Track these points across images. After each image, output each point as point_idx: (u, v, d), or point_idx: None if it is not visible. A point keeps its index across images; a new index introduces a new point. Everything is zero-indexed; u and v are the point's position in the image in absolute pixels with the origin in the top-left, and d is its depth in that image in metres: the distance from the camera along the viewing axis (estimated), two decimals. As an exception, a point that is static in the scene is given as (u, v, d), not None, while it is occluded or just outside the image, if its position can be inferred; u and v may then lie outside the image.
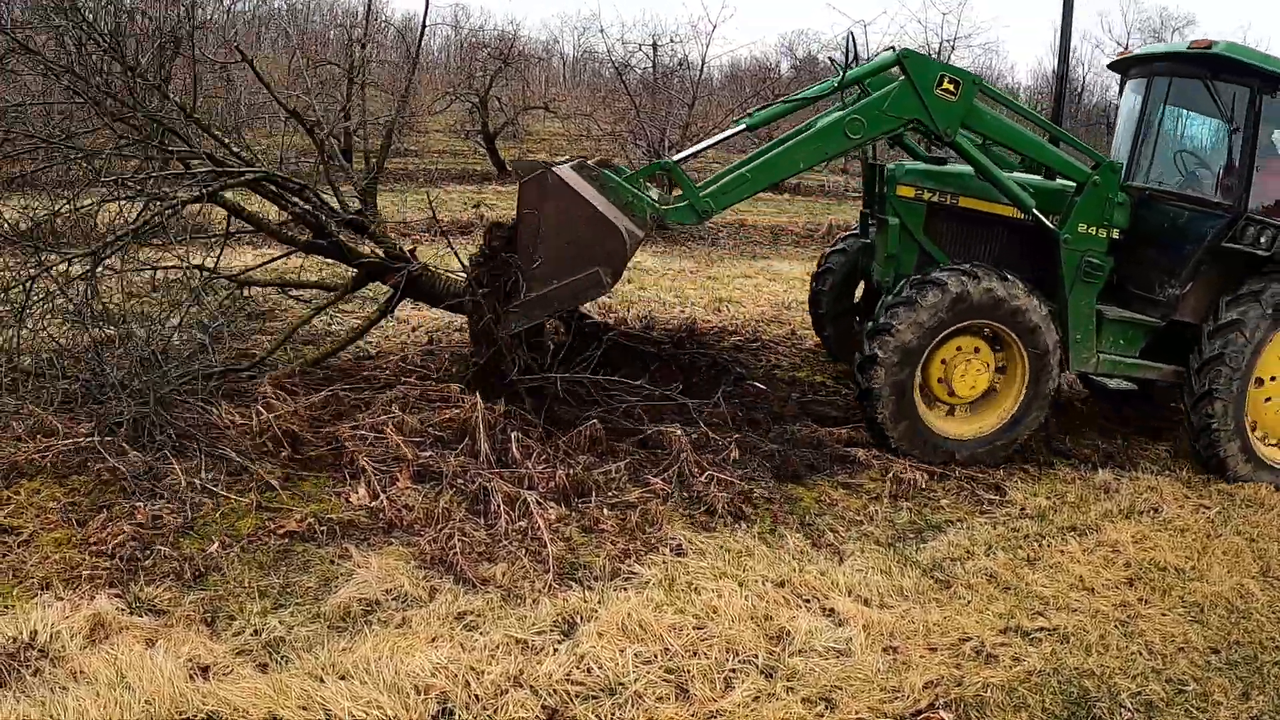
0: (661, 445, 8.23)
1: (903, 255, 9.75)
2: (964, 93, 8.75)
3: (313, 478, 7.62)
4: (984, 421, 9.17)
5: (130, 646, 5.29)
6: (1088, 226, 9.32)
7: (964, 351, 8.95)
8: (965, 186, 9.72)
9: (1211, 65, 9.41)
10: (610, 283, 7.86)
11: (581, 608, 5.96)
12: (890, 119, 8.74)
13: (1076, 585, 6.90)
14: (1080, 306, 9.37)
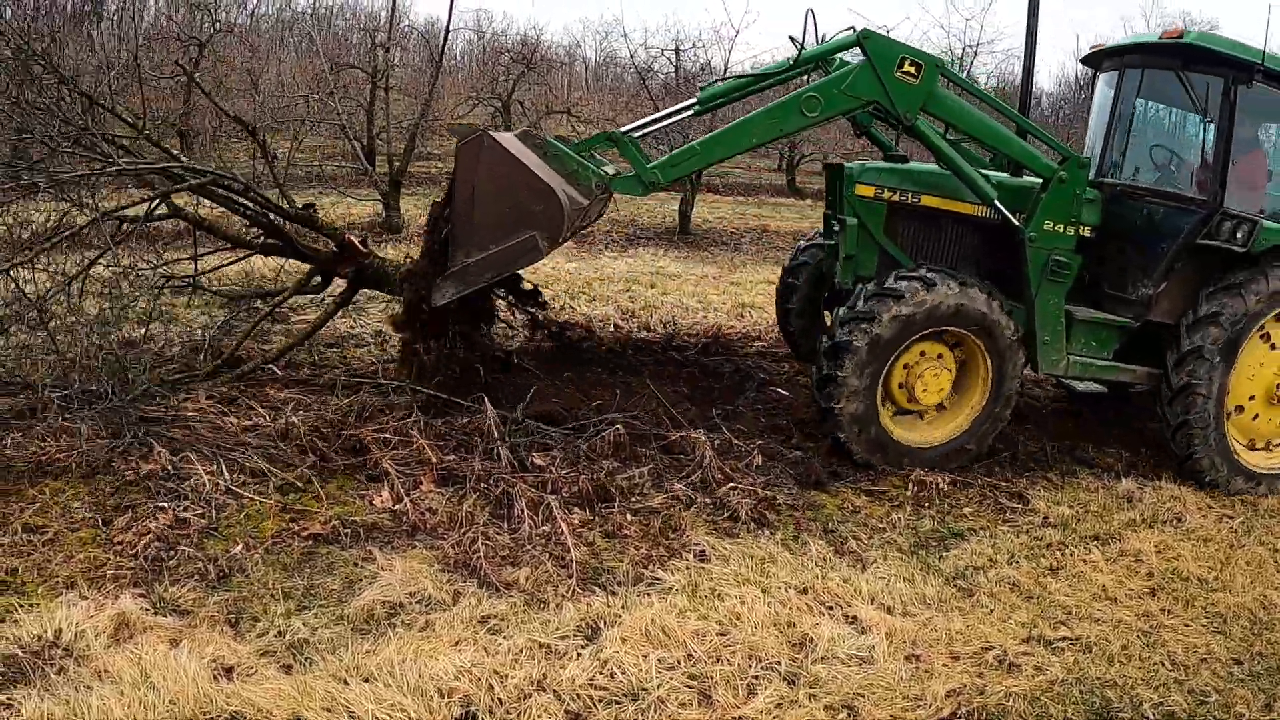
0: (685, 450, 8.23)
1: (862, 257, 9.57)
2: (925, 76, 8.54)
3: (336, 480, 7.62)
4: (945, 428, 9.03)
5: (154, 646, 5.32)
6: (1054, 224, 9.12)
7: (927, 357, 8.79)
8: (927, 185, 9.56)
9: (1183, 56, 9.25)
10: (546, 248, 7.67)
11: (605, 613, 5.97)
12: (848, 99, 8.55)
13: (1099, 595, 6.88)
14: (1048, 307, 9.17)
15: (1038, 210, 9.07)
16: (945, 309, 8.41)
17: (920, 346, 8.70)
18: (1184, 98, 9.42)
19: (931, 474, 8.54)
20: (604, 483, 7.58)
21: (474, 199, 7.76)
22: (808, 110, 8.45)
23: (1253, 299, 8.87)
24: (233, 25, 34.19)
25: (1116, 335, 9.51)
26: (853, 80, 8.47)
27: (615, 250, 20.93)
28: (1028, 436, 9.91)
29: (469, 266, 7.81)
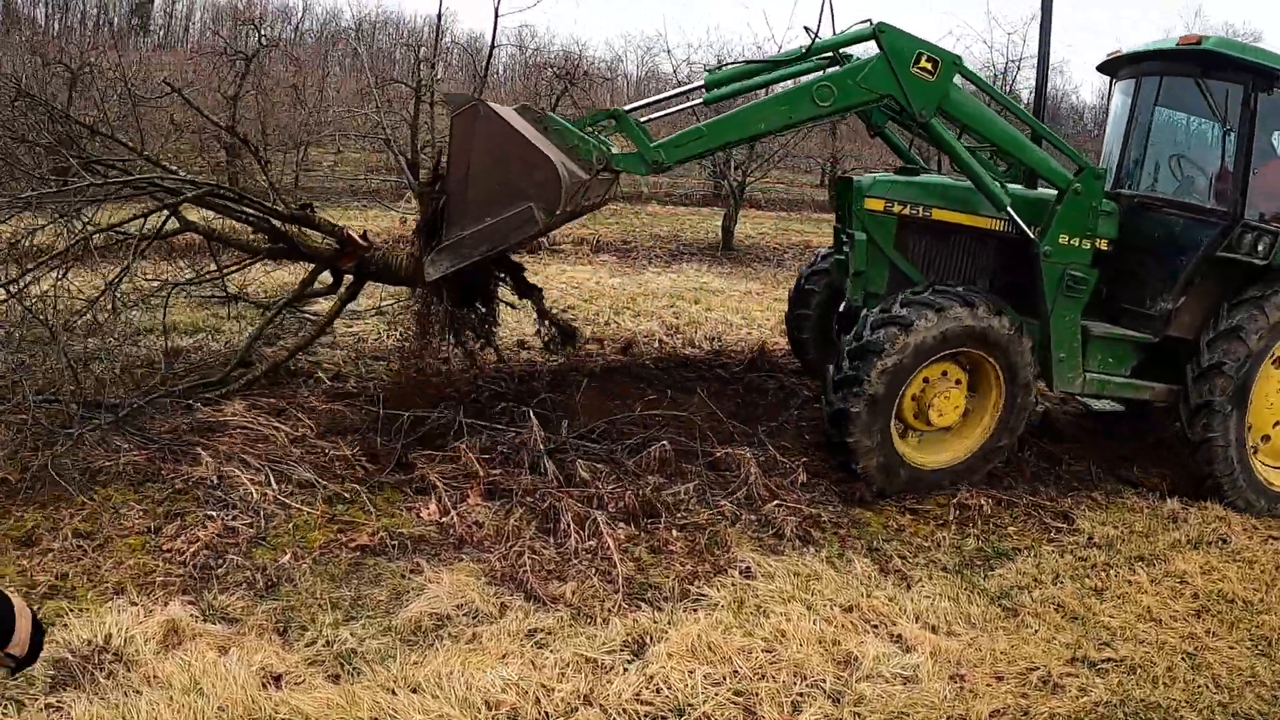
0: (730, 467, 8.24)
1: (872, 273, 9.33)
2: (942, 73, 8.30)
3: (384, 492, 7.68)
4: (955, 449, 8.84)
5: (203, 653, 5.39)
6: (1070, 238, 8.86)
7: (943, 378, 8.61)
8: (938, 198, 9.31)
9: (1202, 62, 9.00)
10: (543, 219, 7.44)
11: (651, 628, 6.00)
12: (863, 91, 8.26)
13: (1144, 616, 6.85)
14: (1063, 323, 8.94)
15: (1052, 224, 8.82)
16: (955, 332, 8.27)
17: (933, 368, 8.55)
18: (1203, 106, 9.22)
19: (975, 494, 8.51)
20: (650, 498, 7.60)
21: (469, 170, 7.61)
22: (820, 99, 8.20)
23: (1275, 313, 8.71)
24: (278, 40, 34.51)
25: (1134, 351, 9.31)
26: (868, 73, 8.22)
27: (659, 266, 20.98)
28: (1072, 455, 9.83)
29: (464, 239, 7.65)
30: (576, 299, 16.11)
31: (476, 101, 7.64)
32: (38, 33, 36.62)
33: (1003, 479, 9.05)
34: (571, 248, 22.19)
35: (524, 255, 19.90)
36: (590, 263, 20.60)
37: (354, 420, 8.76)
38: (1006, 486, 8.91)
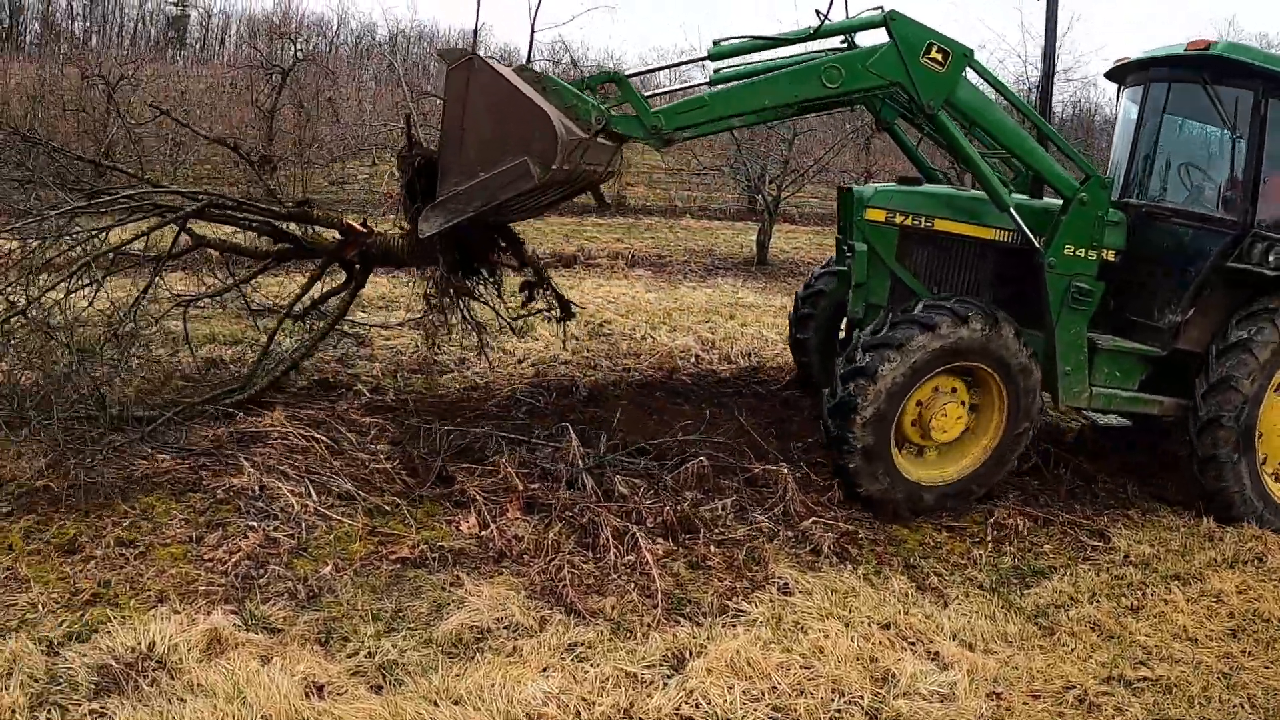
0: (767, 483, 8.27)
1: (874, 284, 9.16)
2: (952, 65, 8.17)
3: (424, 505, 7.75)
4: (956, 465, 8.65)
5: (246, 662, 5.47)
6: (1075, 248, 8.69)
7: (941, 392, 8.45)
8: (941, 208, 9.17)
9: (1211, 68, 8.79)
10: (538, 174, 7.19)
11: (690, 643, 6.03)
12: (872, 76, 8.11)
13: (1180, 635, 6.85)
14: (1069, 336, 8.76)
15: (1057, 234, 8.66)
16: (951, 347, 8.13)
17: (934, 383, 8.40)
18: (1212, 112, 8.96)
19: (1012, 513, 8.51)
20: (688, 514, 7.65)
21: (463, 125, 7.49)
22: (828, 80, 8.05)
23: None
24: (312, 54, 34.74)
25: (1142, 365, 9.14)
26: (879, 58, 8.09)
27: (694, 280, 21.00)
28: (1108, 473, 9.79)
29: (457, 194, 7.50)
30: (613, 314, 16.15)
31: (472, 55, 7.59)
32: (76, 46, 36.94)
33: (1039, 496, 9.06)
34: (607, 262, 22.26)
35: (560, 271, 20.08)
36: (626, 277, 20.64)
37: (393, 433, 8.84)
38: (1043, 504, 8.90)
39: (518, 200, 7.70)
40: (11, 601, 6.07)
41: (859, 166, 41.13)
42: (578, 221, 29.56)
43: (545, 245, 23.10)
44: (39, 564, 6.51)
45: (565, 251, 22.84)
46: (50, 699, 5.16)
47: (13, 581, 6.30)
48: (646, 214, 34.72)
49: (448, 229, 7.65)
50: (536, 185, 7.27)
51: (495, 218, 8.48)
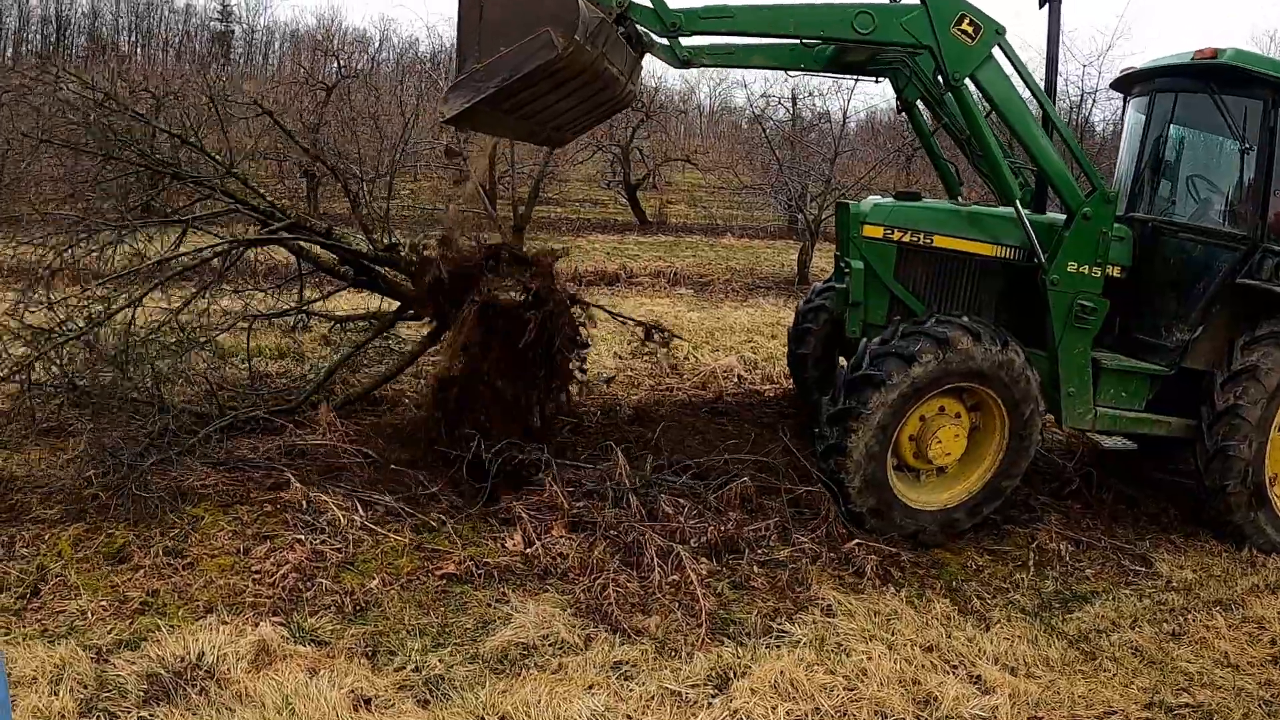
0: (810, 504, 8.25)
1: (871, 303, 8.98)
2: (983, 39, 7.93)
3: (469, 522, 7.84)
4: (955, 489, 8.49)
5: (294, 674, 5.57)
6: (1079, 265, 8.48)
7: (935, 417, 8.28)
8: (940, 224, 8.94)
9: (1219, 77, 8.60)
10: (561, 44, 6.88)
11: (734, 663, 6.07)
12: (902, 32, 7.90)
13: (1221, 662, 6.83)
14: (1073, 355, 8.59)
15: (1060, 250, 8.48)
16: (936, 374, 7.97)
17: (924, 409, 8.25)
18: (1220, 123, 8.73)
19: (1054, 537, 8.46)
20: (732, 534, 7.67)
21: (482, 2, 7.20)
22: (859, 25, 7.82)
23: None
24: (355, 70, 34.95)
25: (1149, 384, 8.95)
26: (913, 18, 7.87)
27: (735, 300, 21.05)
28: (1148, 497, 9.73)
29: (476, 72, 7.14)
30: (655, 333, 16.23)
31: None
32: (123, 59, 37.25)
33: (1081, 520, 9.02)
34: (649, 280, 22.36)
35: (603, 288, 20.15)
36: (668, 295, 20.73)
37: (440, 450, 8.92)
38: (1085, 528, 8.86)
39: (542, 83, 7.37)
40: (61, 609, 6.23)
41: (900, 184, 41.13)
42: (619, 239, 29.70)
43: (588, 263, 23.21)
44: (88, 572, 6.68)
45: (608, 269, 22.95)
46: (99, 706, 5.28)
47: (62, 589, 6.47)
48: (688, 232, 34.85)
49: (469, 108, 7.29)
50: (559, 57, 6.99)
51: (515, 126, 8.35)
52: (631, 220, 37.03)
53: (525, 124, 8.29)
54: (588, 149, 39.02)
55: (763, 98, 31.38)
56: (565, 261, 23.09)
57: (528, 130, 8.76)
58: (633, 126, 36.48)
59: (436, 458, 8.61)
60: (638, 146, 38.86)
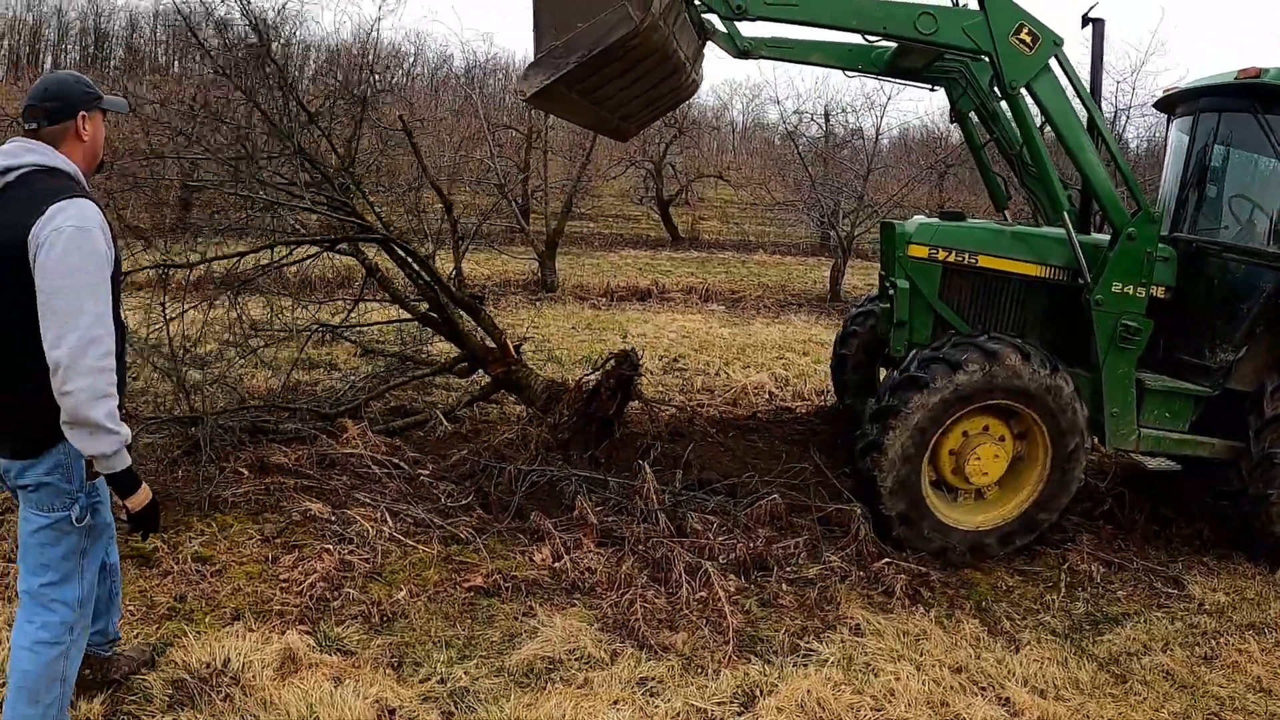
0: (840, 523, 8.23)
1: (916, 322, 9.02)
2: (1041, 50, 7.96)
3: (498, 536, 7.86)
4: (991, 514, 8.45)
5: (319, 683, 5.59)
6: (1123, 285, 8.44)
7: (978, 434, 8.25)
8: (985, 244, 8.96)
9: (1263, 96, 8.51)
10: (639, 16, 6.88)
11: (761, 681, 6.04)
12: (963, 36, 7.92)
13: (1254, 686, 6.75)
14: (1117, 376, 8.55)
15: (1105, 270, 8.46)
16: (980, 385, 7.94)
17: (968, 424, 8.24)
18: (1264, 142, 8.63)
19: (1086, 558, 8.39)
20: (761, 551, 7.66)
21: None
22: (921, 25, 7.87)
23: None
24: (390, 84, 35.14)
25: (1193, 405, 8.84)
26: (975, 24, 7.91)
27: (767, 316, 21.06)
28: (1184, 518, 9.60)
29: (556, 48, 7.16)
30: (687, 348, 16.24)
31: None
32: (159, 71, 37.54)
33: (1113, 541, 8.95)
34: (681, 296, 22.38)
35: (635, 304, 20.16)
36: (700, 312, 20.75)
37: (472, 463, 8.95)
38: (1117, 549, 8.78)
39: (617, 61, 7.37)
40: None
41: (933, 202, 41.05)
42: (652, 255, 29.74)
43: (620, 279, 23.25)
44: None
45: (640, 285, 22.98)
46: (125, 710, 5.32)
47: (91, 593, 6.51)
48: (720, 249, 34.92)
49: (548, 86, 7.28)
50: (636, 31, 6.99)
51: (585, 111, 8.37)
52: (664, 236, 37.12)
53: (595, 110, 8.36)
54: (620, 164, 39.13)
55: (795, 114, 31.38)
56: (597, 276, 23.27)
57: (596, 118, 8.80)
58: (665, 142, 36.59)
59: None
60: (670, 162, 38.96)
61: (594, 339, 16.87)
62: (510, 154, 30.33)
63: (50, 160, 4.40)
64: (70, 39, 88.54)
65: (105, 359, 4.17)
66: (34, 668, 4.58)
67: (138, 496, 4.46)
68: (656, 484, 8.32)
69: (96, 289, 4.18)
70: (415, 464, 9.02)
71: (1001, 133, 9.71)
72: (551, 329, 17.68)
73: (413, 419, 10.35)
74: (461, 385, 11.93)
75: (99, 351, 4.14)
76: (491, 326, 10.35)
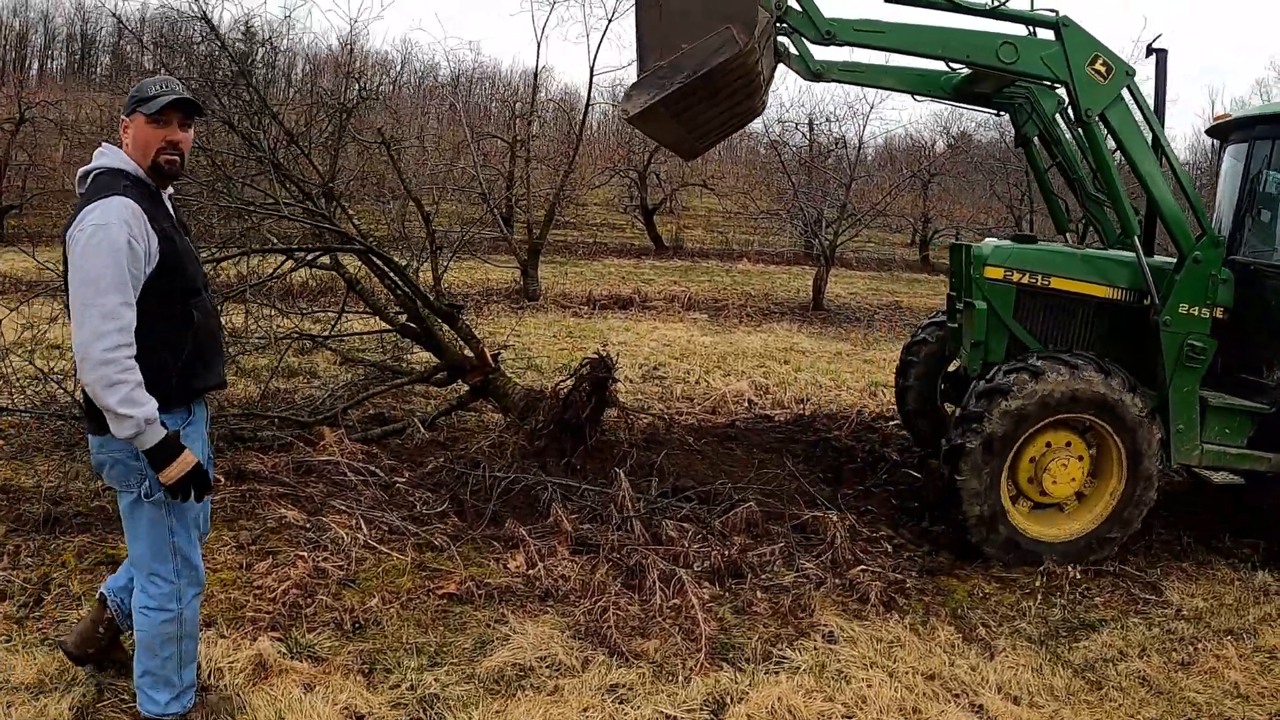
0: (816, 530, 8.24)
1: (991, 341, 9.21)
2: (1114, 79, 8.25)
3: (472, 543, 7.83)
4: (1074, 523, 8.61)
5: (289, 689, 5.57)
6: (1189, 307, 8.68)
7: (1055, 447, 8.42)
8: (1057, 266, 9.15)
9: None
10: (744, 40, 7.04)
11: (731, 688, 6.00)
12: (1042, 66, 8.25)
13: (1231, 692, 6.70)
14: (1182, 394, 8.74)
15: (1172, 292, 8.68)
16: (1059, 396, 8.13)
17: (1044, 437, 8.39)
18: None
19: (1063, 564, 8.39)
20: (735, 559, 7.63)
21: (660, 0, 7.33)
22: (1003, 55, 8.20)
23: None
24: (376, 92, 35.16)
25: (1251, 421, 9.02)
26: (1053, 54, 8.22)
27: (750, 325, 21.07)
28: (1163, 524, 9.63)
29: (661, 69, 7.27)
30: (667, 356, 16.23)
31: None
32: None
33: (1091, 548, 8.92)
34: (664, 304, 22.37)
35: (617, 313, 20.15)
36: (682, 320, 20.76)
37: (447, 470, 8.93)
38: (1096, 557, 8.75)
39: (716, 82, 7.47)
40: (63, 618, 6.28)
41: (916, 211, 41.16)
42: (635, 264, 29.74)
43: (603, 287, 23.23)
44: (91, 582, 6.72)
45: (622, 293, 22.97)
46: (95, 715, 5.31)
47: (65, 599, 6.53)
48: (704, 257, 34.97)
49: (650, 106, 7.35)
50: (739, 54, 7.13)
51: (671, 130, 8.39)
52: (648, 244, 37.16)
53: (678, 129, 8.45)
54: (604, 173, 39.16)
55: (779, 123, 31.46)
56: (580, 285, 23.24)
57: (676, 137, 8.87)
58: (650, 151, 36.60)
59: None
60: (655, 171, 38.99)
61: (575, 347, 16.85)
62: (495, 162, 30.37)
63: (113, 162, 4.75)
64: (57, 44, 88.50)
65: (112, 351, 4.37)
66: (146, 628, 4.96)
67: (169, 470, 4.62)
68: (632, 491, 8.31)
69: (110, 283, 4.42)
70: (392, 471, 9.01)
71: (1064, 157, 9.90)
72: (532, 337, 17.68)
73: (391, 427, 10.37)
74: (441, 393, 11.93)
75: (106, 344, 4.36)
76: (469, 336, 10.35)
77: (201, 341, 4.91)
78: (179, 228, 4.97)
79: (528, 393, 10.04)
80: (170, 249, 4.70)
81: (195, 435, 4.99)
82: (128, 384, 4.41)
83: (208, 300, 5.07)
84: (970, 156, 38.26)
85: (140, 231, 4.53)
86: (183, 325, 4.80)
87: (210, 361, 5.03)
